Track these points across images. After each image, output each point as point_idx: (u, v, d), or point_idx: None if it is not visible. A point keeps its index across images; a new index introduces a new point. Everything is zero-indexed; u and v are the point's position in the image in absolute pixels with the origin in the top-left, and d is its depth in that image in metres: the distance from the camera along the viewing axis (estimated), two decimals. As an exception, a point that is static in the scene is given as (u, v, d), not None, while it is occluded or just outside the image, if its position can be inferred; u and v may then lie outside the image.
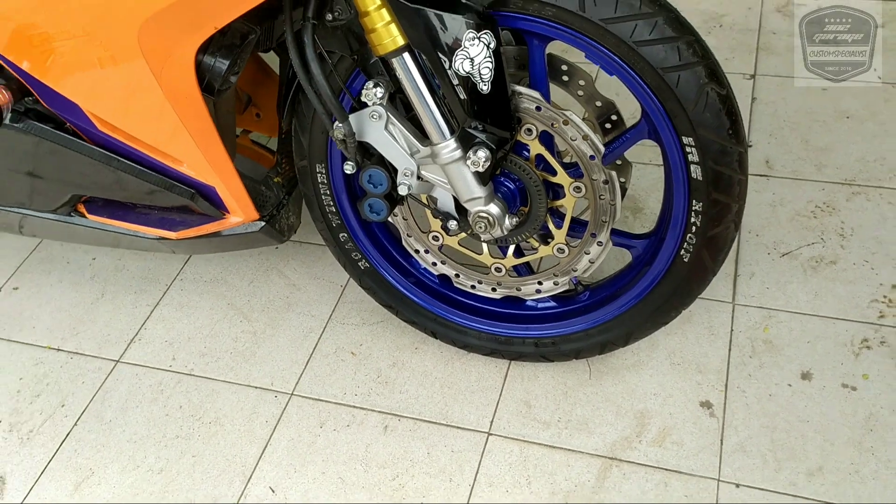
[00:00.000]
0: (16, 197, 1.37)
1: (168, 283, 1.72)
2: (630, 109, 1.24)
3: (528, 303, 1.43)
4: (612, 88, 1.29)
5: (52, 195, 1.33)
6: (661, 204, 1.30)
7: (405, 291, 1.45)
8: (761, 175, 1.79)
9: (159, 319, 1.66)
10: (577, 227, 1.31)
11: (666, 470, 1.31)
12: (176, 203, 1.29)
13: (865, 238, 1.62)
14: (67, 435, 1.48)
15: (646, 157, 1.78)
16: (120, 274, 1.77)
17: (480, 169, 1.13)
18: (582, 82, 1.27)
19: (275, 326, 1.62)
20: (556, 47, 1.20)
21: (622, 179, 1.31)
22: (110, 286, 1.74)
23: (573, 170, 1.22)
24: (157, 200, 1.29)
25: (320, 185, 1.37)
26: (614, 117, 1.29)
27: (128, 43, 1.04)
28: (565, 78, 1.27)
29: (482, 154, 1.13)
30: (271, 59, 1.50)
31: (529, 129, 1.18)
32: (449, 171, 1.17)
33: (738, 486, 1.28)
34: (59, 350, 1.63)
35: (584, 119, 1.17)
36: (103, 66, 1.08)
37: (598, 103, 1.29)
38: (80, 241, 1.45)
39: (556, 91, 1.25)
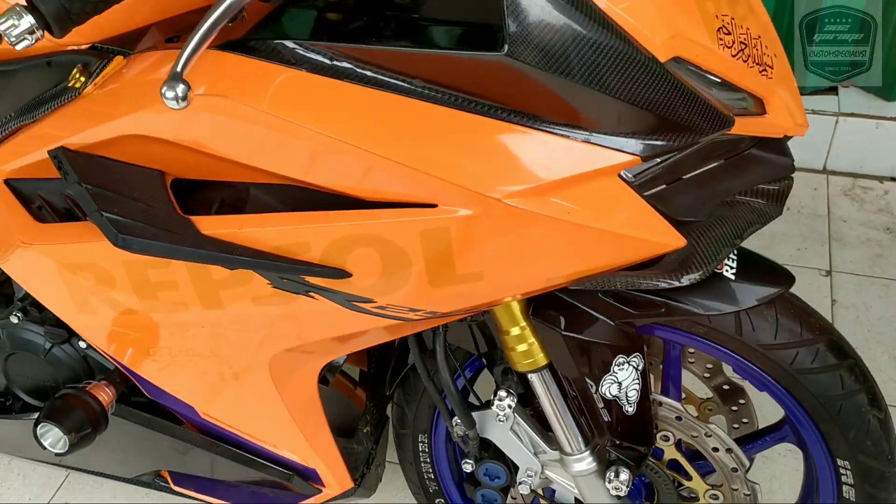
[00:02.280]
0: (97, 465, 1.27)
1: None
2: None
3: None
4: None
5: (140, 467, 1.24)
6: None
7: (502, 559, 1.36)
8: (854, 400, 1.71)
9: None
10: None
11: None
12: (271, 481, 1.20)
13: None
14: None
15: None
16: None
17: (622, 493, 1.05)
18: (709, 365, 1.20)
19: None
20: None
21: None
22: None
23: (711, 476, 1.14)
24: (252, 478, 1.20)
25: (421, 454, 1.28)
26: (742, 401, 1.22)
27: (257, 367, 0.96)
28: (691, 360, 1.20)
29: (625, 477, 1.04)
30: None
31: (666, 436, 1.10)
32: (581, 482, 1.08)
33: None
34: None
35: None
36: (224, 380, 1.00)
37: (726, 386, 1.21)
38: None
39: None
